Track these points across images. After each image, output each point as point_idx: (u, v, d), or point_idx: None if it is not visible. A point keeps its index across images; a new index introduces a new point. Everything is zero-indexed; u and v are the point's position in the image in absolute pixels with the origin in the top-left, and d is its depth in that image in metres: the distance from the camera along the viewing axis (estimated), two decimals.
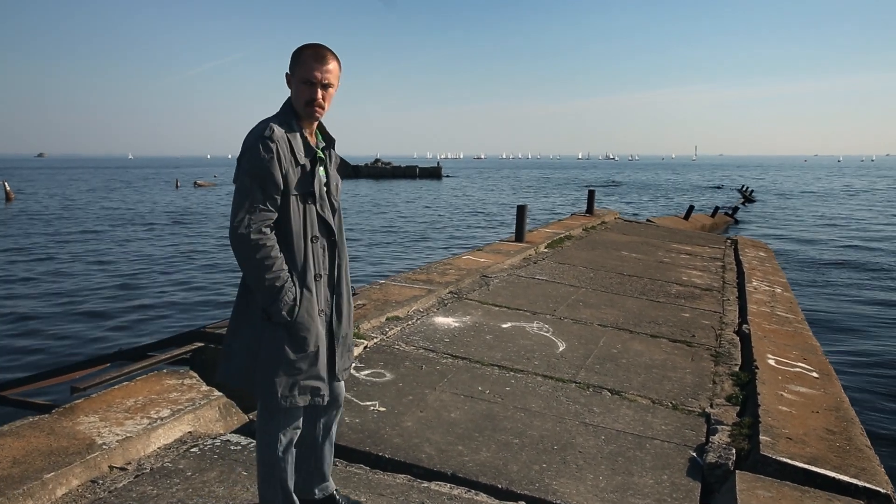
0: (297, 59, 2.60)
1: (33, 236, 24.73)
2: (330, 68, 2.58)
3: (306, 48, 2.60)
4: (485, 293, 7.63)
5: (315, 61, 2.56)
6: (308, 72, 2.56)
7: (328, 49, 2.61)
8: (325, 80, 2.58)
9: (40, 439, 3.48)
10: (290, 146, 2.56)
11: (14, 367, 8.91)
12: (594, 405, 4.63)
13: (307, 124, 2.68)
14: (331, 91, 2.63)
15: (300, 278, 2.59)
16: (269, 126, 2.55)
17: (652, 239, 14.05)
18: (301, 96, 2.59)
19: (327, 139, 2.77)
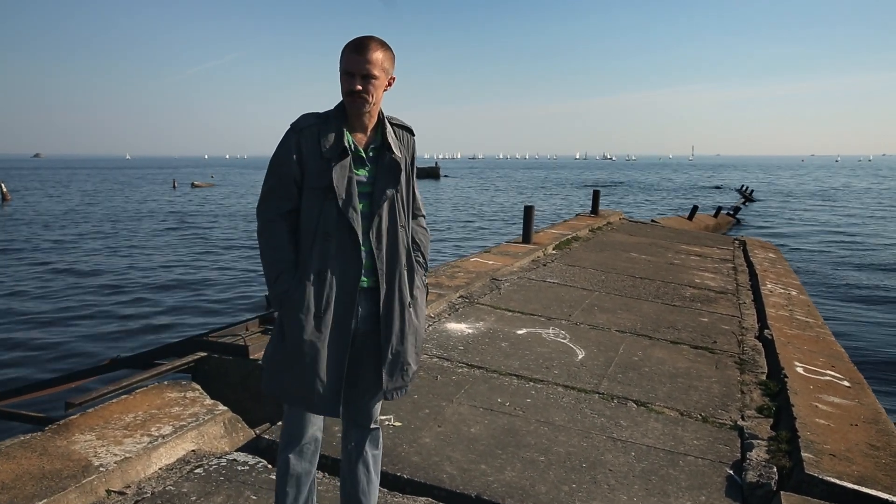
0: (342, 52, 2.47)
1: (29, 238, 24.45)
2: (370, 57, 2.41)
3: (351, 40, 2.46)
4: (496, 297, 7.37)
5: (354, 51, 2.42)
6: (347, 63, 2.43)
7: (373, 39, 2.45)
8: (364, 71, 2.41)
9: (32, 461, 3.22)
10: (318, 139, 2.46)
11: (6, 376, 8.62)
12: (620, 418, 4.38)
13: (357, 119, 2.52)
14: (375, 82, 2.44)
15: (300, 272, 2.49)
16: (300, 117, 2.52)
17: (659, 240, 13.81)
18: (343, 88, 2.47)
19: (394, 138, 2.59)
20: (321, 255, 2.47)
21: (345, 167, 2.45)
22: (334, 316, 2.49)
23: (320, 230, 2.46)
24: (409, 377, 2.67)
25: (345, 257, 2.47)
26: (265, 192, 2.56)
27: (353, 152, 2.50)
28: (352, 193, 2.46)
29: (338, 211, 2.45)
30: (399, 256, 2.59)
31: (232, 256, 19.97)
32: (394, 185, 2.55)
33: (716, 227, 25.71)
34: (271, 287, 2.53)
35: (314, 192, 2.47)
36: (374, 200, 2.52)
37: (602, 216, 16.32)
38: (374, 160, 2.54)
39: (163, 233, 26.61)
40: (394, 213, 2.57)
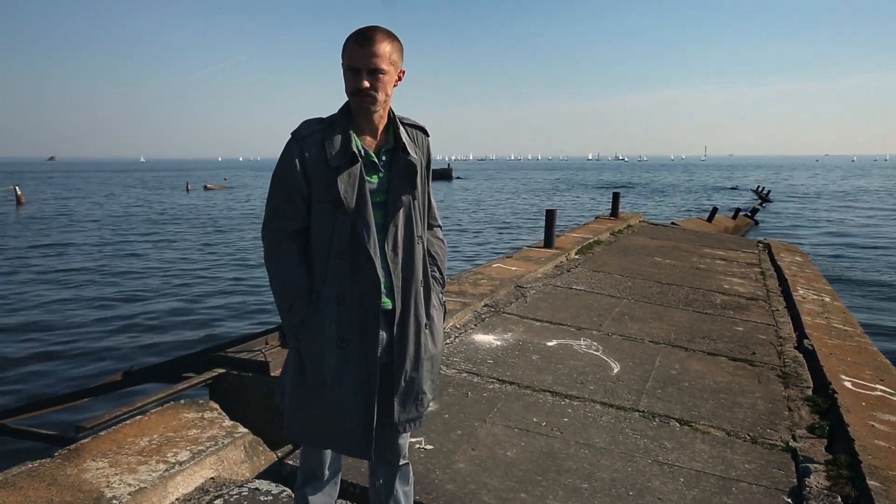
0: (343, 46, 2.16)
1: (44, 241, 24.39)
2: (376, 50, 2.11)
3: (353, 33, 2.15)
4: (523, 306, 7.11)
5: (357, 44, 2.11)
6: (350, 57, 2.13)
7: (377, 29, 2.14)
8: (370, 66, 2.11)
9: (40, 492, 2.99)
10: (323, 146, 2.16)
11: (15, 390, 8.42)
12: (664, 439, 4.10)
13: (365, 120, 2.22)
14: (383, 78, 2.14)
15: (315, 297, 2.21)
16: (301, 123, 2.22)
17: (682, 243, 13.50)
18: (348, 86, 2.16)
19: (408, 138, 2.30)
20: (337, 276, 2.19)
21: (354, 175, 2.17)
22: (359, 345, 2.21)
23: (334, 249, 2.19)
24: (424, 407, 2.40)
25: (363, 277, 2.19)
26: (269, 211, 2.29)
27: (364, 157, 2.21)
28: (364, 204, 2.17)
29: (350, 226, 2.17)
30: (415, 272, 2.30)
31: (242, 258, 19.81)
32: (410, 191, 2.26)
33: (735, 228, 25.36)
34: (285, 317, 2.26)
35: (324, 205, 2.19)
36: (389, 209, 2.24)
37: (622, 219, 16.03)
38: (388, 165, 2.26)
39: (175, 236, 26.50)
40: (410, 222, 2.28)
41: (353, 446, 2.27)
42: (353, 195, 2.16)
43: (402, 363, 2.29)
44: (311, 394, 2.25)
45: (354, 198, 2.16)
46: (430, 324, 2.37)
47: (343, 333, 2.21)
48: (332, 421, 2.24)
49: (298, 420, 2.30)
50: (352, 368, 2.21)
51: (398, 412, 2.32)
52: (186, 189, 65.58)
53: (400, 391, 2.31)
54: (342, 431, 2.25)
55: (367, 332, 2.21)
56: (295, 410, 2.30)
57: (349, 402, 2.22)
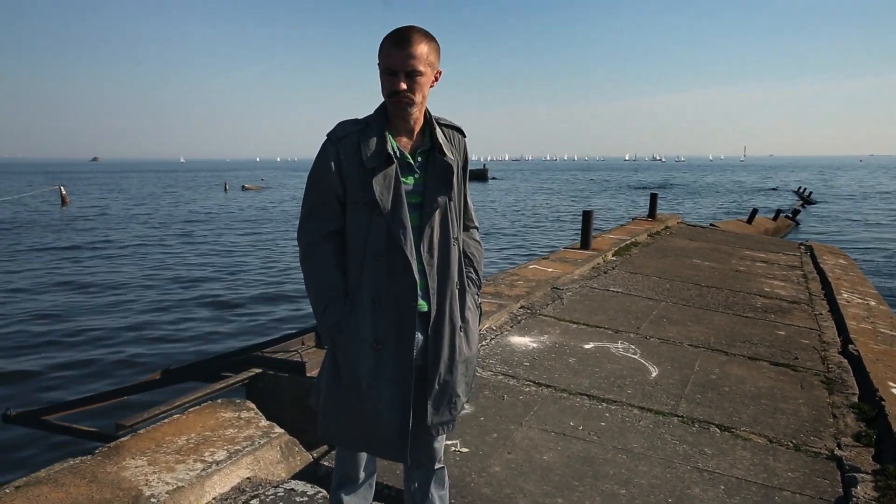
0: (380, 46, 2.14)
1: (87, 241, 24.88)
2: (413, 52, 2.09)
3: (390, 33, 2.13)
4: (559, 308, 7.04)
5: (395, 46, 2.09)
6: (388, 59, 2.11)
7: (415, 30, 2.12)
8: (408, 67, 2.09)
9: (81, 489, 3.03)
10: (359, 147, 2.15)
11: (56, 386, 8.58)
12: (704, 445, 4.02)
13: (401, 121, 2.21)
14: (420, 80, 2.12)
15: (351, 299, 2.20)
16: (337, 125, 2.21)
17: (721, 245, 13.28)
18: (385, 88, 2.15)
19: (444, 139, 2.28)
20: (373, 277, 2.18)
21: (390, 176, 2.15)
22: (395, 347, 2.19)
23: (370, 250, 2.17)
24: (458, 410, 2.38)
25: (400, 279, 2.17)
26: (305, 212, 2.29)
27: (399, 158, 2.19)
28: (400, 205, 2.16)
29: (386, 228, 2.16)
30: (451, 274, 2.28)
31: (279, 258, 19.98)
32: (446, 192, 2.24)
33: (775, 230, 24.90)
34: (320, 319, 2.25)
35: (359, 207, 2.18)
36: (425, 211, 2.21)
37: (660, 220, 15.83)
38: (423, 166, 2.24)
39: (212, 235, 26.85)
40: (446, 224, 2.26)
41: (389, 449, 2.25)
42: (388, 196, 2.15)
43: (436, 366, 2.27)
44: (347, 396, 2.24)
45: (390, 199, 2.15)
46: (465, 326, 2.35)
47: (379, 335, 2.19)
48: (367, 423, 2.23)
49: (333, 422, 2.29)
50: (387, 370, 2.20)
51: (431, 415, 2.30)
52: (224, 189, 66.48)
53: (433, 394, 2.29)
54: (377, 434, 2.23)
55: (403, 334, 2.19)
56: (330, 412, 2.29)
57: (384, 404, 2.20)
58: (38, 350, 10.24)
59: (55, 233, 27.58)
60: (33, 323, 12.00)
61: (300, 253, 2.29)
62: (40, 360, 9.74)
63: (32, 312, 12.81)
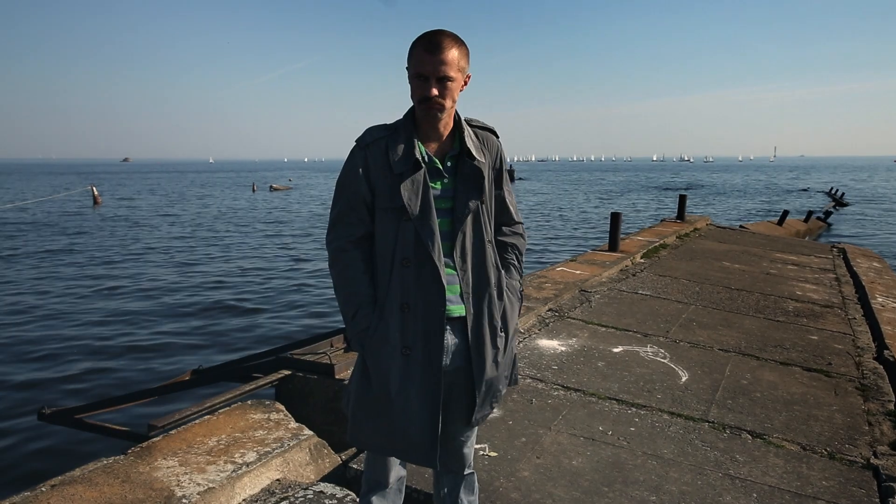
0: (411, 50, 2.13)
1: (120, 240, 25.23)
2: (445, 58, 2.07)
3: (419, 38, 2.11)
4: (587, 311, 7.00)
5: (427, 51, 2.07)
6: (419, 65, 2.09)
7: (446, 35, 2.10)
8: (439, 73, 2.07)
9: (114, 488, 3.07)
10: (387, 153, 2.14)
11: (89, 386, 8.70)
12: (735, 452, 3.97)
13: (430, 126, 2.19)
14: (451, 85, 2.11)
15: (380, 305, 2.19)
16: (366, 131, 2.21)
17: (751, 247, 13.12)
18: (415, 93, 2.13)
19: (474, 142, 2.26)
20: (401, 283, 2.17)
21: (418, 182, 2.14)
22: (423, 353, 2.19)
23: (398, 256, 2.17)
24: (498, 401, 2.41)
25: (428, 285, 2.16)
26: (333, 218, 2.29)
27: (428, 164, 2.18)
28: (428, 211, 2.15)
29: (415, 234, 2.15)
30: (487, 277, 2.27)
31: (307, 258, 20.10)
32: (477, 196, 2.22)
33: (807, 232, 24.55)
34: (349, 325, 2.26)
35: (387, 213, 2.17)
36: (456, 216, 2.20)
37: (688, 222, 15.68)
38: (453, 170, 2.22)
39: (241, 235, 27.08)
40: (479, 227, 2.25)
41: (418, 454, 2.25)
42: (416, 202, 2.14)
43: (481, 369, 2.27)
44: (376, 401, 2.24)
45: (418, 204, 2.15)
46: (505, 326, 2.35)
47: (407, 341, 2.19)
48: (396, 429, 2.23)
49: (362, 427, 2.29)
50: (416, 376, 2.20)
51: (476, 412, 2.32)
52: (253, 189, 67.06)
53: (480, 394, 2.31)
54: (406, 439, 2.23)
55: (432, 340, 2.19)
56: (359, 417, 2.30)
57: (413, 409, 2.20)
58: (69, 350, 10.40)
59: (87, 233, 28.01)
60: (65, 322, 12.19)
61: (329, 258, 2.30)
62: (71, 359, 9.89)
63: (64, 312, 13.02)
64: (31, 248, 22.69)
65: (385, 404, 2.22)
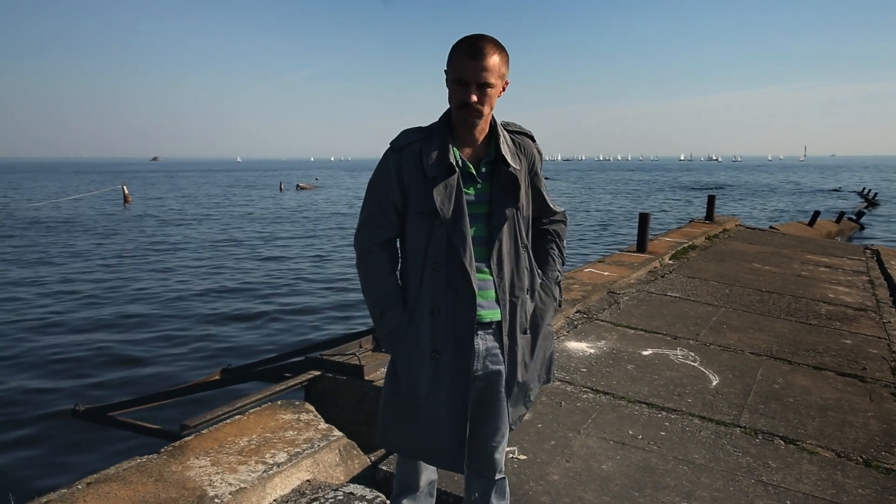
0: (452, 54, 2.11)
1: (149, 239, 25.54)
2: (487, 64, 2.06)
3: (461, 42, 2.10)
4: (616, 313, 6.95)
5: (468, 56, 2.06)
6: (460, 70, 2.07)
7: (488, 41, 2.09)
8: (480, 79, 2.06)
9: (148, 487, 3.10)
10: (420, 157, 2.14)
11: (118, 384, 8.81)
12: (768, 458, 3.92)
13: (466, 131, 2.19)
14: (490, 91, 2.10)
15: (410, 308, 2.20)
16: (400, 133, 2.21)
17: (782, 249, 12.95)
18: (454, 98, 2.12)
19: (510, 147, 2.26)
20: (432, 288, 2.17)
21: (451, 186, 2.14)
22: (453, 358, 2.19)
23: (430, 260, 2.17)
24: (531, 403, 2.43)
25: (459, 290, 2.16)
26: (363, 219, 2.31)
27: (462, 169, 2.17)
28: (461, 216, 2.14)
29: (447, 238, 2.15)
30: (522, 282, 2.28)
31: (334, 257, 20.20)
32: (513, 203, 2.22)
33: (838, 233, 24.19)
34: (378, 325, 2.28)
35: (419, 217, 2.17)
36: (493, 223, 2.20)
37: (717, 222, 15.51)
38: (489, 176, 2.22)
39: (269, 235, 27.28)
40: (514, 233, 2.25)
41: (445, 459, 2.25)
42: (449, 206, 2.14)
43: (514, 372, 2.29)
44: (405, 404, 2.25)
45: (451, 209, 2.14)
46: (536, 328, 2.37)
47: (437, 345, 2.19)
48: (424, 432, 2.24)
49: (391, 430, 2.31)
50: (445, 381, 2.20)
51: (511, 412, 2.36)
52: (280, 189, 67.53)
53: (512, 397, 2.34)
54: (434, 443, 2.24)
55: (462, 345, 2.19)
56: (388, 420, 2.31)
57: (442, 414, 2.21)
58: (100, 347, 10.55)
59: (117, 232, 28.38)
60: (96, 320, 12.37)
61: (357, 259, 2.33)
62: (103, 357, 10.03)
63: (96, 309, 13.21)
64: (63, 247, 23.05)
65: (413, 408, 2.23)
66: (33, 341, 10.85)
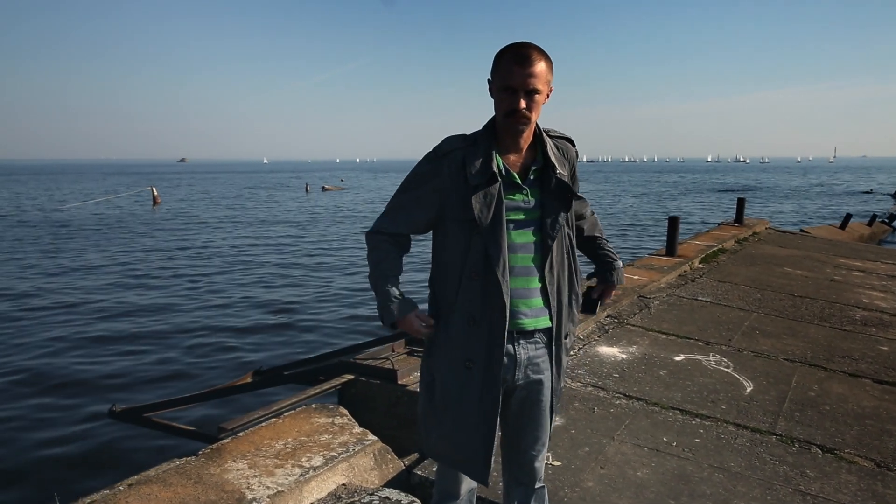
0: (497, 62, 2.11)
1: (178, 241, 25.83)
2: (535, 71, 2.06)
3: (507, 49, 2.10)
4: (647, 317, 6.91)
5: (516, 64, 2.05)
6: (508, 77, 2.07)
7: (534, 48, 2.09)
8: (528, 86, 2.06)
9: (188, 489, 3.14)
10: (463, 165, 2.12)
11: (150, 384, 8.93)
12: (806, 466, 3.88)
13: (510, 139, 2.19)
14: (537, 98, 2.10)
15: (444, 317, 2.21)
16: (444, 140, 2.20)
17: (813, 252, 12.78)
18: (501, 106, 2.12)
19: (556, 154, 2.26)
20: (468, 297, 2.17)
21: (491, 195, 2.12)
22: (485, 367, 2.19)
23: (467, 269, 2.16)
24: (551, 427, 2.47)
25: (493, 299, 2.15)
26: (386, 209, 2.33)
27: (505, 177, 2.17)
28: (498, 225, 2.13)
29: (484, 246, 2.14)
30: (567, 289, 2.29)
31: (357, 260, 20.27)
32: (565, 210, 2.22)
33: (871, 236, 23.80)
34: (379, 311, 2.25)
35: (458, 224, 2.17)
36: (546, 230, 2.20)
37: (747, 225, 15.34)
38: (538, 183, 2.21)
39: (296, 238, 27.47)
40: (562, 240, 2.26)
41: (472, 468, 2.26)
42: (487, 215, 2.13)
43: (558, 378, 2.34)
44: (439, 413, 2.27)
45: (489, 218, 2.13)
46: (570, 335, 2.40)
47: (470, 354, 2.19)
48: (455, 440, 2.25)
49: (431, 437, 2.33)
50: (476, 389, 2.20)
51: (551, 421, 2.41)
52: (306, 190, 67.97)
53: (555, 405, 2.38)
54: (463, 452, 2.25)
55: (493, 354, 2.19)
56: (427, 427, 2.33)
57: (470, 423, 2.21)
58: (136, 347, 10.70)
59: (148, 232, 28.75)
60: (128, 320, 12.54)
61: (366, 242, 2.34)
62: (137, 356, 10.17)
63: (126, 311, 13.39)
64: (96, 247, 23.40)
65: (447, 416, 2.25)
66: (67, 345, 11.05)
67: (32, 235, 27.30)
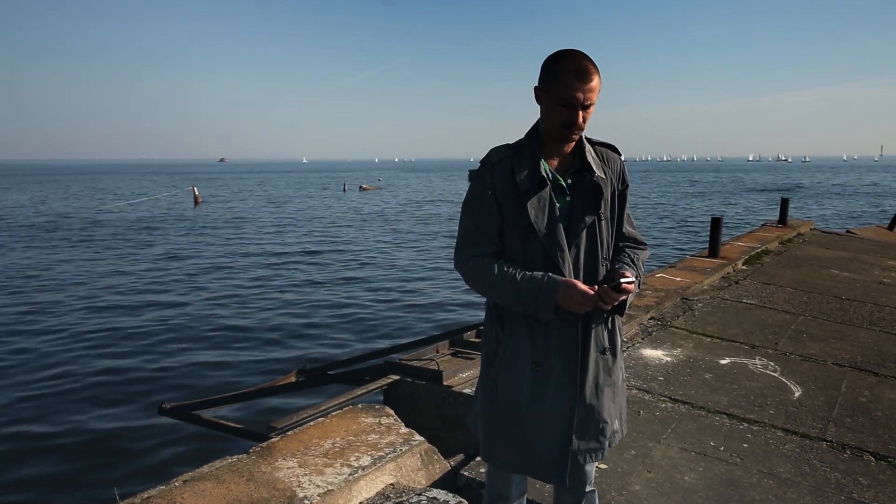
0: (553, 73, 2.09)
1: (220, 241, 26.22)
2: (594, 85, 2.07)
3: (565, 60, 2.08)
4: (690, 320, 6.85)
5: (578, 79, 2.05)
6: (569, 92, 2.06)
7: (590, 61, 2.09)
8: (588, 101, 2.07)
9: (240, 486, 3.21)
10: (512, 172, 2.14)
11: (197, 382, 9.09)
12: (858, 474, 3.81)
13: (555, 146, 2.20)
14: (591, 110, 2.12)
15: (509, 323, 2.21)
16: (490, 151, 2.23)
17: (861, 254, 12.51)
18: (558, 119, 2.11)
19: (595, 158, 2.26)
20: None
21: (544, 199, 2.14)
22: (554, 368, 2.19)
23: None
24: (606, 438, 2.30)
25: None
26: (460, 238, 2.27)
27: (552, 181, 2.18)
28: (555, 228, 2.15)
29: (543, 251, 2.15)
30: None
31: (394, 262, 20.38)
32: (594, 211, 2.20)
33: None
34: (535, 303, 2.10)
35: (514, 232, 2.18)
36: (571, 230, 2.19)
37: (791, 226, 15.08)
38: (573, 186, 2.22)
39: (334, 237, 27.70)
40: (594, 244, 2.22)
41: (547, 472, 2.26)
42: (543, 219, 2.15)
43: (581, 389, 2.23)
44: (505, 418, 2.26)
45: (545, 222, 2.15)
46: (612, 349, 2.31)
47: (538, 357, 2.20)
48: (526, 445, 2.25)
49: (497, 445, 2.31)
50: (548, 392, 2.20)
51: (576, 441, 2.25)
52: (343, 189, 68.53)
53: (578, 420, 2.25)
54: (537, 455, 2.24)
55: (562, 356, 2.19)
56: (493, 435, 2.31)
57: (545, 425, 2.21)
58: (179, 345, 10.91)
59: (190, 232, 29.24)
60: (174, 319, 12.78)
61: (463, 276, 2.28)
62: (181, 354, 10.37)
63: (171, 309, 13.65)
64: (137, 246, 23.88)
65: (515, 420, 2.23)
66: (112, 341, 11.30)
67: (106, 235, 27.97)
